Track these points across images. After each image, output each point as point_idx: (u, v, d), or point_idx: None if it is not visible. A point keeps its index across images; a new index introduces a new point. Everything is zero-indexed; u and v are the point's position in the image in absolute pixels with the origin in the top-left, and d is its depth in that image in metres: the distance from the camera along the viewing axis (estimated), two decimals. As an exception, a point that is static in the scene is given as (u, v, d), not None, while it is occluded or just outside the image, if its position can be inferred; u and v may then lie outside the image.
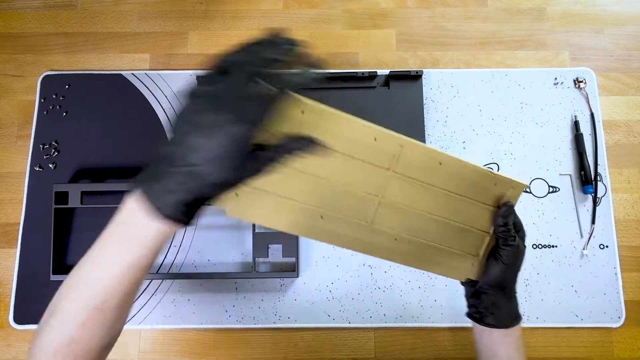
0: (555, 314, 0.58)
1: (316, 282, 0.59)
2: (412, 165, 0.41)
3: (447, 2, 0.69)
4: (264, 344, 0.58)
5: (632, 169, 0.63)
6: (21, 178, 0.62)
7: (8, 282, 0.60)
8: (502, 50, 0.67)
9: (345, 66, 0.67)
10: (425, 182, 0.42)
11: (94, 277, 0.32)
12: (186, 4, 0.69)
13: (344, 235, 0.41)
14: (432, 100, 0.64)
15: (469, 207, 0.43)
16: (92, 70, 0.66)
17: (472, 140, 0.63)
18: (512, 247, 0.42)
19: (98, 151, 0.63)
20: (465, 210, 0.43)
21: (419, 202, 0.42)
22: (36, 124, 0.64)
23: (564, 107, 0.64)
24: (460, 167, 0.42)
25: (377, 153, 0.40)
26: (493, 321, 0.43)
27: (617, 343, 0.58)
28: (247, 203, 0.38)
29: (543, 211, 0.61)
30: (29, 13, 0.69)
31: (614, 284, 0.59)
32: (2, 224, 0.62)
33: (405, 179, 0.41)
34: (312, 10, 0.69)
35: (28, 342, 0.58)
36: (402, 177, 0.41)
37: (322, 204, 0.40)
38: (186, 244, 0.60)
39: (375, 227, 0.41)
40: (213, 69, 0.31)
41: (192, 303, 0.59)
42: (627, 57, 0.67)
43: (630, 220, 0.61)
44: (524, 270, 0.59)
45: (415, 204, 0.42)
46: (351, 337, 0.59)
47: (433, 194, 0.42)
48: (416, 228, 0.43)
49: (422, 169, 0.41)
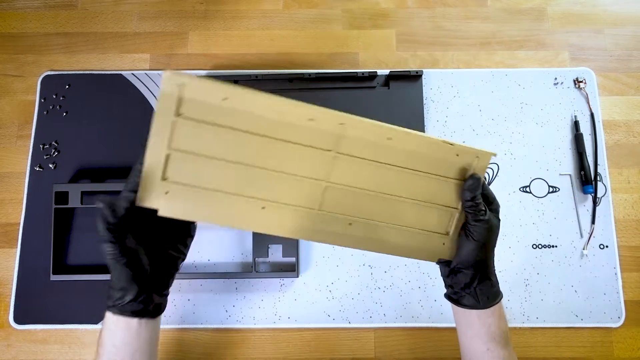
0: (555, 314, 0.58)
1: (316, 282, 0.59)
2: (358, 143, 0.38)
3: (447, 2, 0.69)
4: (264, 344, 0.58)
5: (632, 169, 0.63)
6: (21, 178, 0.62)
7: (8, 282, 0.60)
8: (502, 50, 0.67)
9: (345, 66, 0.67)
10: (374, 160, 0.39)
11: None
12: (186, 4, 0.69)
13: (290, 225, 0.38)
14: (432, 100, 0.64)
15: (429, 183, 0.40)
16: (92, 70, 0.66)
17: (472, 140, 0.63)
18: (483, 222, 0.40)
19: (98, 151, 0.63)
20: (426, 187, 0.40)
21: (370, 182, 0.39)
22: (36, 124, 0.64)
23: (564, 107, 0.64)
24: (412, 140, 0.39)
25: (316, 134, 0.38)
26: (470, 302, 0.42)
27: (617, 343, 0.58)
28: (179, 200, 0.37)
29: (543, 211, 0.61)
30: (29, 13, 0.69)
31: (614, 284, 0.59)
32: (2, 224, 0.62)
33: (351, 159, 0.39)
34: (312, 10, 0.69)
35: (28, 342, 0.58)
36: (348, 157, 0.38)
37: (261, 194, 0.38)
38: (186, 244, 0.60)
39: (325, 212, 0.39)
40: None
41: (192, 303, 0.59)
42: (627, 57, 0.67)
43: (630, 220, 0.61)
44: (523, 270, 0.59)
45: (366, 184, 0.39)
46: (351, 337, 0.59)
47: (385, 172, 0.39)
48: (371, 210, 0.40)
49: (370, 146, 0.39)
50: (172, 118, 0.37)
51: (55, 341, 0.58)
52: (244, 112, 0.37)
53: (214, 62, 0.67)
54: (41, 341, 0.58)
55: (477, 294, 0.42)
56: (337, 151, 0.38)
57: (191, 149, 0.37)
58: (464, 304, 0.42)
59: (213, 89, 0.36)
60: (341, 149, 0.38)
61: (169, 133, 0.37)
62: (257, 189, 0.38)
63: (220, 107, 0.36)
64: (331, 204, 0.39)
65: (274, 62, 0.67)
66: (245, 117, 0.37)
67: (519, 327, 0.58)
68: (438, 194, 0.41)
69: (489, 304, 0.42)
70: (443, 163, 0.40)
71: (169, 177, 0.37)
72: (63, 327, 0.58)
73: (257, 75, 0.62)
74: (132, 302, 0.38)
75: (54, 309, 0.58)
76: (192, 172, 0.37)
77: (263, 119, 0.37)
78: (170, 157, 0.37)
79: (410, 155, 0.39)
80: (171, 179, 0.37)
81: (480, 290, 0.42)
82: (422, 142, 0.39)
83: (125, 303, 0.38)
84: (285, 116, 0.37)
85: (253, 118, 0.37)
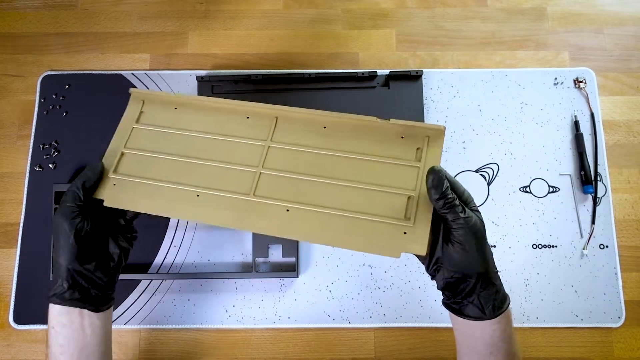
0: (555, 314, 0.58)
1: (316, 282, 0.59)
2: (292, 133, 0.41)
3: (447, 2, 0.69)
4: (264, 344, 0.58)
5: (632, 169, 0.63)
6: (21, 178, 0.62)
7: (8, 282, 0.60)
8: (502, 50, 0.67)
9: (345, 66, 0.67)
10: (311, 147, 0.40)
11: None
12: (186, 4, 0.69)
13: (225, 214, 0.40)
14: (432, 100, 0.64)
15: (378, 168, 0.39)
16: (92, 70, 0.66)
17: (472, 140, 0.63)
18: (464, 222, 0.36)
19: (98, 151, 0.62)
20: (375, 172, 0.39)
21: (309, 168, 0.40)
22: (36, 124, 0.64)
23: (564, 107, 0.64)
24: (347, 124, 0.40)
25: (254, 129, 0.42)
26: (474, 312, 0.37)
27: (617, 343, 0.58)
28: (124, 192, 0.42)
29: (543, 211, 0.61)
30: (29, 13, 0.69)
31: (614, 284, 0.59)
32: (2, 224, 0.62)
33: (285, 148, 0.41)
34: (312, 10, 0.69)
35: (28, 342, 0.58)
36: (282, 146, 0.41)
37: (196, 182, 0.41)
38: (186, 244, 0.60)
39: (260, 199, 0.40)
40: None
41: (192, 303, 0.59)
42: (627, 57, 0.67)
43: (630, 220, 0.61)
44: (523, 270, 0.59)
45: (303, 170, 0.40)
46: (351, 337, 0.59)
47: (326, 159, 0.40)
48: (312, 197, 0.39)
49: (305, 135, 0.41)
50: (133, 124, 0.46)
51: (55, 341, 0.58)
52: (190, 117, 0.43)
53: (214, 62, 0.67)
54: (41, 341, 0.58)
55: (481, 302, 0.37)
56: (272, 140, 0.41)
57: (143, 147, 0.44)
58: (467, 315, 0.37)
59: (167, 100, 0.44)
60: (275, 139, 0.41)
61: (128, 136, 0.46)
62: (194, 178, 0.41)
63: (173, 114, 0.44)
64: (265, 189, 0.40)
65: (274, 62, 0.67)
66: (192, 120, 0.43)
67: (519, 327, 0.58)
68: (389, 179, 0.38)
69: (496, 313, 0.37)
70: (389, 145, 0.39)
71: (118, 171, 0.43)
72: (63, 327, 0.58)
73: (257, 75, 0.62)
74: (72, 290, 0.39)
75: (54, 309, 0.58)
76: (140, 167, 0.43)
77: (207, 121, 0.43)
78: (124, 155, 0.44)
79: (351, 140, 0.40)
80: (120, 172, 0.43)
81: (484, 298, 0.37)
82: (357, 123, 0.39)
83: (65, 290, 0.39)
84: (226, 116, 0.43)
85: (198, 120, 0.43)
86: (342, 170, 0.39)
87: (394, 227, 0.37)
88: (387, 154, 0.39)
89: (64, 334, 0.40)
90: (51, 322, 0.41)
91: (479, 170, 0.62)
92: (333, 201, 0.39)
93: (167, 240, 0.60)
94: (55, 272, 0.41)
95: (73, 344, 0.40)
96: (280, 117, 0.41)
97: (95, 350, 0.41)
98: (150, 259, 0.60)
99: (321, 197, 0.39)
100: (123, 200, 0.42)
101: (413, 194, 0.38)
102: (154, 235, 0.60)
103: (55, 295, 0.40)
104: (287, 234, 0.39)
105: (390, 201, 0.38)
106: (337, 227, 0.38)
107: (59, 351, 0.40)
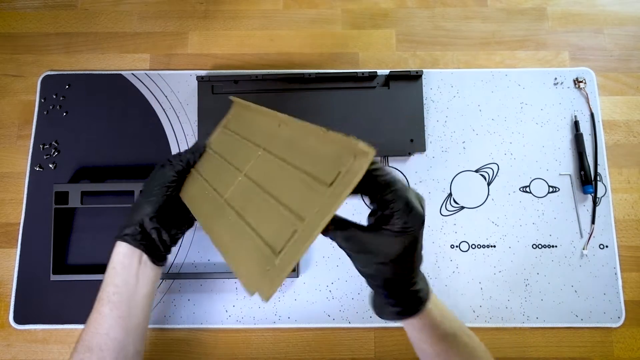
0: (555, 314, 0.58)
1: (316, 282, 0.59)
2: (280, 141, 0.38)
3: (447, 2, 0.69)
4: (264, 344, 0.58)
5: (632, 169, 0.63)
6: (21, 178, 0.62)
7: (8, 282, 0.60)
8: (502, 50, 0.67)
9: (345, 66, 0.67)
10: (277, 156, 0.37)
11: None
12: (186, 4, 0.69)
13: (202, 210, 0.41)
14: (432, 100, 0.64)
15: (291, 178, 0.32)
16: (92, 70, 0.66)
17: (472, 140, 0.63)
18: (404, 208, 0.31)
19: (98, 151, 0.63)
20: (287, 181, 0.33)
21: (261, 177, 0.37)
22: (36, 124, 0.64)
23: (564, 107, 0.64)
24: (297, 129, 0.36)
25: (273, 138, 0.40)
26: (387, 315, 0.38)
27: (617, 343, 0.58)
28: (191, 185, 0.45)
29: (543, 211, 0.61)
30: (29, 13, 0.69)
31: (613, 284, 0.59)
32: (2, 224, 0.62)
33: (265, 155, 0.38)
34: (312, 10, 0.69)
35: (28, 342, 0.58)
36: (264, 153, 0.39)
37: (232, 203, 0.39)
38: (186, 244, 0.60)
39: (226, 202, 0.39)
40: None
41: (192, 303, 0.59)
42: (627, 57, 0.67)
43: (630, 220, 0.61)
44: (523, 270, 0.59)
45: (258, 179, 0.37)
46: (351, 337, 0.59)
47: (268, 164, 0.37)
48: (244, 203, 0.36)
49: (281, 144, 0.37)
50: (221, 128, 0.49)
51: (55, 341, 0.58)
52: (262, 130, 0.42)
53: (214, 62, 0.67)
54: (41, 341, 0.58)
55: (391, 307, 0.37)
56: (264, 148, 0.40)
57: (217, 150, 0.46)
58: (384, 316, 0.39)
59: (268, 114, 0.42)
60: (266, 147, 0.39)
61: (215, 136, 0.49)
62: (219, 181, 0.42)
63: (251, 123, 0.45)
64: (234, 195, 0.38)
65: (274, 62, 0.67)
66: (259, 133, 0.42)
67: (519, 327, 0.58)
68: (297, 198, 0.31)
69: (413, 311, 0.37)
70: (320, 160, 0.31)
71: (196, 167, 0.47)
72: (63, 327, 0.58)
73: (257, 75, 0.62)
74: (142, 236, 0.43)
75: (54, 309, 0.58)
76: (205, 165, 0.45)
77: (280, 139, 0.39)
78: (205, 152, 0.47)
79: (293, 144, 0.34)
80: (196, 168, 0.46)
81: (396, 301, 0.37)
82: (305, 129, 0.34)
83: (137, 232, 0.42)
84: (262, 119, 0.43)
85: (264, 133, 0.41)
86: (265, 173, 0.35)
87: (264, 257, 0.30)
88: (310, 169, 0.31)
89: (122, 276, 0.42)
90: (113, 261, 0.43)
91: (479, 170, 0.62)
92: (241, 201, 0.35)
93: (167, 240, 0.60)
94: (132, 215, 0.43)
95: (126, 288, 0.42)
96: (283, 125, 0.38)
97: (140, 301, 0.43)
98: (150, 259, 0.60)
99: (237, 195, 0.37)
100: (184, 194, 0.45)
101: (298, 228, 0.29)
102: (154, 235, 0.60)
103: (128, 235, 0.42)
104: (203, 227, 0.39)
105: (281, 224, 0.30)
106: (229, 228, 0.34)
107: (112, 291, 0.42)
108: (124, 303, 0.42)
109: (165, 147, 0.63)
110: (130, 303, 0.42)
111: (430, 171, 0.62)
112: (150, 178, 0.45)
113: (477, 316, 0.58)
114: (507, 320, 0.58)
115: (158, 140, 0.63)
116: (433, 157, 0.63)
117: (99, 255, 0.60)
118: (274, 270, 0.28)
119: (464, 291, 0.59)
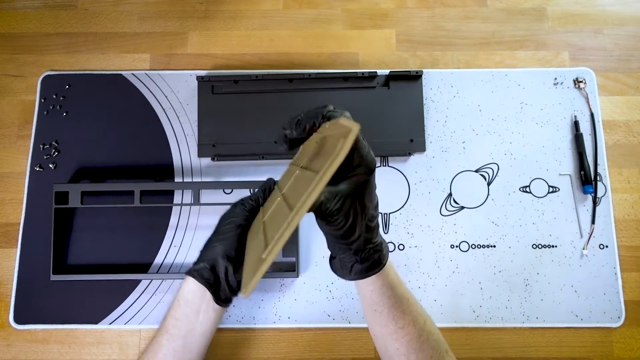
0: (555, 314, 0.58)
1: (316, 282, 0.59)
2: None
3: (447, 2, 0.69)
4: (264, 344, 0.58)
5: (632, 169, 0.63)
6: (21, 178, 0.62)
7: (8, 282, 0.60)
8: (502, 50, 0.67)
9: (345, 66, 0.67)
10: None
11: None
12: (186, 4, 0.69)
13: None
14: (432, 100, 0.64)
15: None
16: (92, 70, 0.66)
17: (472, 140, 0.63)
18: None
19: (98, 151, 0.63)
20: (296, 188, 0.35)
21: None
22: (36, 124, 0.64)
23: (564, 107, 0.64)
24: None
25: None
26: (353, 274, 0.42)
27: (617, 343, 0.58)
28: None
29: (543, 211, 0.61)
30: (29, 13, 0.69)
31: (613, 284, 0.59)
32: (2, 224, 0.62)
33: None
34: (312, 10, 0.69)
35: (28, 342, 0.58)
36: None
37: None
38: (186, 244, 0.60)
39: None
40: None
41: (192, 303, 0.59)
42: (627, 57, 0.67)
43: (630, 220, 0.61)
44: (523, 270, 0.59)
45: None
46: (351, 337, 0.59)
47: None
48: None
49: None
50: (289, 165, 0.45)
51: (55, 341, 0.58)
52: None
53: (214, 62, 0.67)
54: (41, 341, 0.58)
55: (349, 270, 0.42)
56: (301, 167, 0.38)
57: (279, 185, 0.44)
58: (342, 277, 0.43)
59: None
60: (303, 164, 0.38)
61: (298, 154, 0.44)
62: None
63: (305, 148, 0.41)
64: (268, 216, 0.38)
65: (274, 62, 0.67)
66: None
67: (519, 327, 0.58)
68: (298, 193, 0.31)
69: (376, 265, 0.41)
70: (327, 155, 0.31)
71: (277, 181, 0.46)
72: (63, 327, 0.58)
73: (257, 75, 0.62)
74: (210, 274, 0.42)
75: (54, 309, 0.58)
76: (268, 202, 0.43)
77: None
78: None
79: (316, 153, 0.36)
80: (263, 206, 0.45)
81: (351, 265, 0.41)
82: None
83: (206, 269, 0.42)
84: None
85: None
86: (293, 187, 0.36)
87: (260, 257, 0.30)
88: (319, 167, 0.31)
89: (184, 310, 0.42)
90: (179, 295, 0.43)
91: (479, 170, 0.62)
92: (269, 219, 0.37)
93: (167, 240, 0.60)
94: (203, 253, 0.43)
95: (185, 322, 0.42)
96: None
97: (197, 338, 0.43)
98: (150, 259, 0.60)
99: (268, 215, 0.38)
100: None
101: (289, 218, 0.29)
102: (154, 235, 0.60)
103: (196, 272, 0.42)
104: None
105: (281, 222, 0.30)
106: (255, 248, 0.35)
107: (172, 323, 0.43)
108: (181, 337, 0.42)
109: (165, 147, 0.63)
110: (187, 338, 0.42)
111: (430, 171, 0.62)
112: (223, 217, 0.45)
113: (477, 316, 0.58)
114: (507, 320, 0.58)
115: (158, 140, 0.63)
116: (433, 157, 0.63)
117: (99, 255, 0.60)
118: (260, 263, 0.29)
119: (464, 291, 0.59)
